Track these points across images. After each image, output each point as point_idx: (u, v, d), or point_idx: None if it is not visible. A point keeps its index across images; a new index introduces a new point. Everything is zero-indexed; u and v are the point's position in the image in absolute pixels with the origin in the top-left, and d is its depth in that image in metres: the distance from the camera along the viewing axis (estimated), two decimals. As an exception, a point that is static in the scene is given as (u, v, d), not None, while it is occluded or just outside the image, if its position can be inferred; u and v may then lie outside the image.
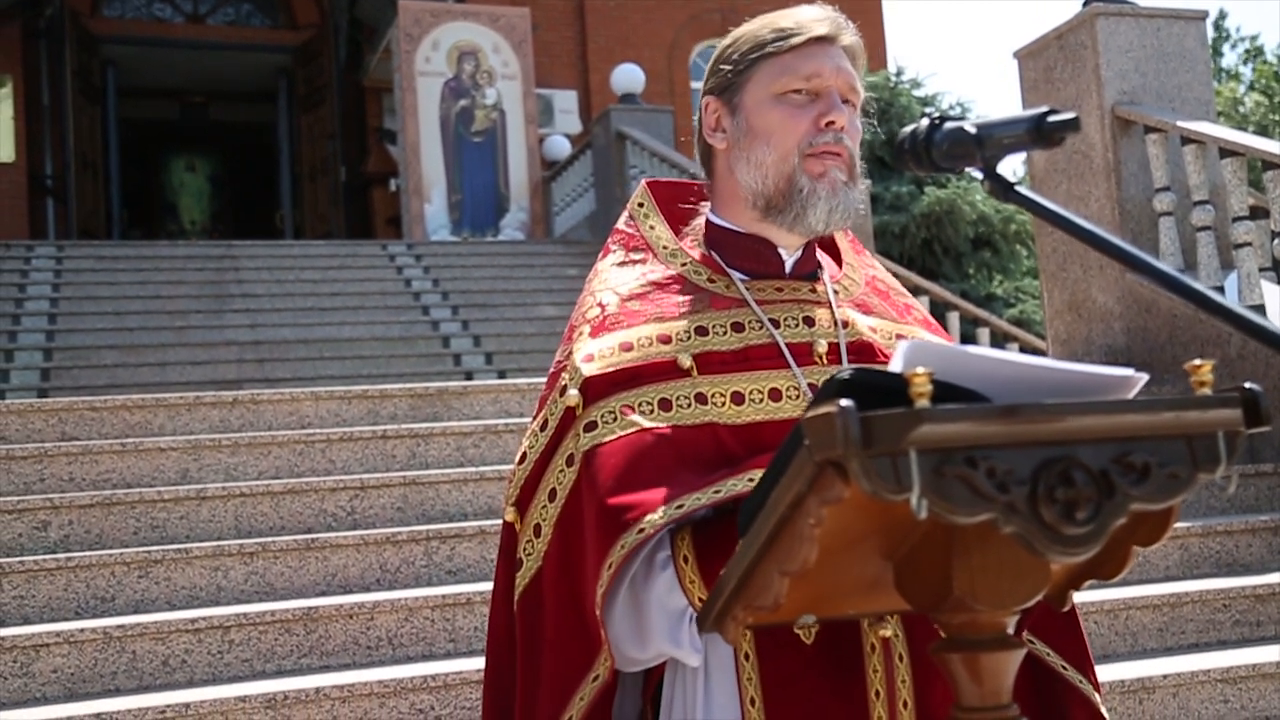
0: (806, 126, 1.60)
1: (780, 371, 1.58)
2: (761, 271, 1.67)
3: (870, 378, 1.09)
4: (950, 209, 11.98)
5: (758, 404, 1.55)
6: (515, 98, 13.32)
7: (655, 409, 1.53)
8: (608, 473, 1.49)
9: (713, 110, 1.69)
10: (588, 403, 1.55)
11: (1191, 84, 6.00)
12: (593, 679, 1.49)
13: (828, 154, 1.59)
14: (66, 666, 3.39)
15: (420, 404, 5.32)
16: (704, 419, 1.53)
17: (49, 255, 10.42)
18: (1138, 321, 5.79)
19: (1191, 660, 3.71)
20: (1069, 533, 1.02)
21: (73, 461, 4.45)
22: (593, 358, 1.58)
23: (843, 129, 1.60)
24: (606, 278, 1.70)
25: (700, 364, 1.56)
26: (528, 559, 1.60)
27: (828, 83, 1.61)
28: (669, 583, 1.47)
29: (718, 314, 1.62)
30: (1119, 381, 1.15)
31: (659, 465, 1.48)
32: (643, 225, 1.75)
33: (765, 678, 1.49)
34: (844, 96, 1.62)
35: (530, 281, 10.60)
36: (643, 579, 1.49)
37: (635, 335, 1.59)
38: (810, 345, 1.61)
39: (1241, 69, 28.93)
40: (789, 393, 1.56)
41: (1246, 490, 4.81)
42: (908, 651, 1.53)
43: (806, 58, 1.61)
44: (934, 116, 1.34)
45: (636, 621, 1.49)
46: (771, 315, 1.63)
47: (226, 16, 16.47)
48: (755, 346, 1.59)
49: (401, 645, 3.63)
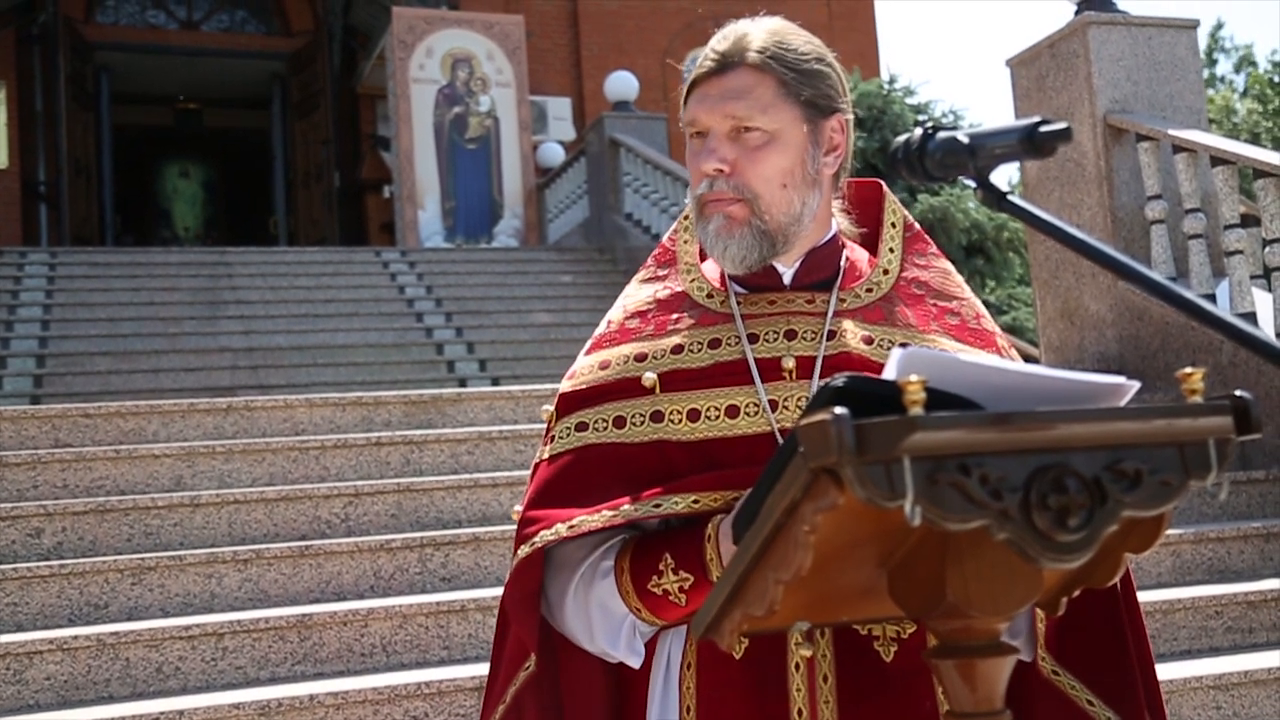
0: (698, 175, 1.60)
1: (742, 388, 1.58)
2: (761, 284, 1.66)
3: (864, 385, 1.10)
4: (943, 216, 12.01)
5: (713, 420, 1.56)
6: (509, 105, 13.33)
7: (609, 425, 1.58)
8: (536, 486, 1.60)
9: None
10: (557, 418, 1.64)
11: (1183, 93, 6.03)
12: (524, 668, 1.61)
13: (708, 203, 1.59)
14: (60, 674, 3.38)
15: (414, 411, 5.32)
16: (654, 436, 1.56)
17: (42, 262, 10.40)
18: (1130, 329, 5.81)
19: (1184, 667, 3.72)
20: (1062, 539, 1.03)
21: (66, 468, 4.44)
22: (574, 375, 1.66)
23: (719, 172, 1.56)
24: (628, 292, 1.75)
25: (665, 381, 1.59)
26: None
27: (704, 124, 1.58)
28: (610, 589, 1.54)
29: (702, 331, 1.63)
30: (1111, 389, 1.16)
31: (591, 481, 1.55)
32: (679, 239, 1.77)
33: (701, 687, 1.54)
34: (739, 127, 1.56)
35: (524, 288, 10.60)
36: (589, 581, 1.57)
37: (616, 354, 1.64)
38: (779, 360, 1.59)
39: (1234, 77, 29.10)
40: (747, 409, 1.56)
41: (1238, 497, 4.82)
42: (834, 672, 1.51)
43: (695, 101, 1.60)
44: (927, 126, 1.35)
45: (584, 620, 1.58)
46: (753, 330, 1.62)
47: (220, 23, 16.47)
48: (724, 363, 1.59)
49: (395, 652, 3.63)
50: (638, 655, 1.56)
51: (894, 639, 1.53)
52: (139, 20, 16.09)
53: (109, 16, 15.93)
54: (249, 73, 16.48)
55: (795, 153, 1.59)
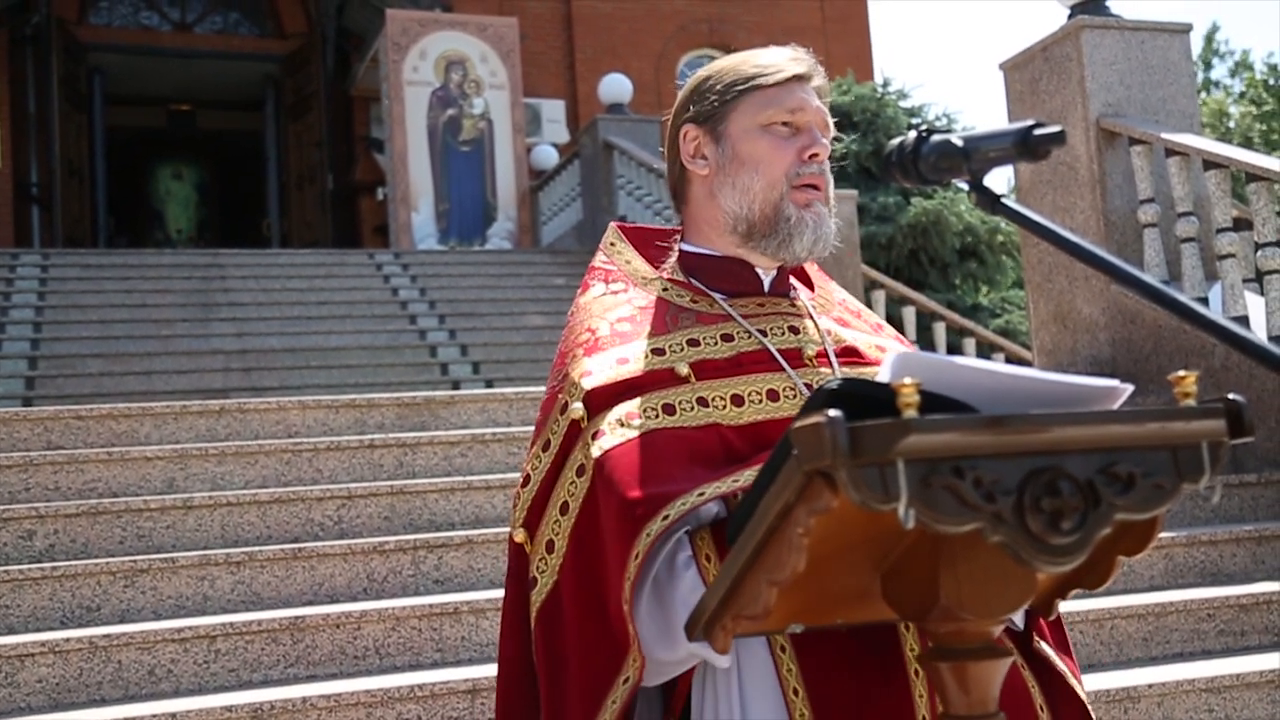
0: (791, 158, 1.66)
1: (775, 374, 1.61)
2: (740, 291, 1.71)
3: (858, 388, 1.10)
4: (937, 220, 12.01)
5: (757, 404, 1.58)
6: (503, 107, 13.33)
7: (660, 413, 1.55)
8: (623, 471, 1.49)
9: (692, 138, 1.73)
10: (592, 414, 1.58)
11: (1176, 96, 6.04)
12: (623, 681, 1.46)
13: (811, 186, 1.66)
14: (51, 676, 3.37)
15: (407, 413, 5.32)
16: (708, 420, 1.55)
17: (34, 263, 10.37)
18: (1122, 332, 5.82)
19: (1176, 670, 3.72)
20: (1055, 542, 1.03)
21: (58, 470, 4.43)
22: (591, 373, 1.61)
23: (824, 161, 1.68)
24: (592, 308, 1.73)
25: (696, 371, 1.60)
26: (542, 576, 1.58)
27: (809, 117, 1.68)
28: (693, 582, 1.46)
29: (706, 328, 1.65)
30: (1105, 392, 1.16)
31: (673, 461, 1.50)
32: (618, 260, 1.79)
33: (805, 667, 1.47)
34: (821, 132, 1.70)
35: (517, 291, 10.60)
36: (665, 580, 1.49)
37: (630, 351, 1.63)
38: (800, 350, 1.65)
39: (1230, 82, 29.20)
40: (786, 393, 1.59)
41: (1230, 500, 4.83)
42: None
43: (789, 92, 1.68)
44: (921, 129, 1.36)
45: (664, 623, 1.47)
46: (758, 326, 1.67)
47: (214, 25, 16.46)
48: (747, 353, 1.63)
49: (388, 655, 3.63)
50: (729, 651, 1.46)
51: None
52: (132, 22, 16.07)
53: (102, 18, 15.90)
54: (242, 75, 16.46)
55: None
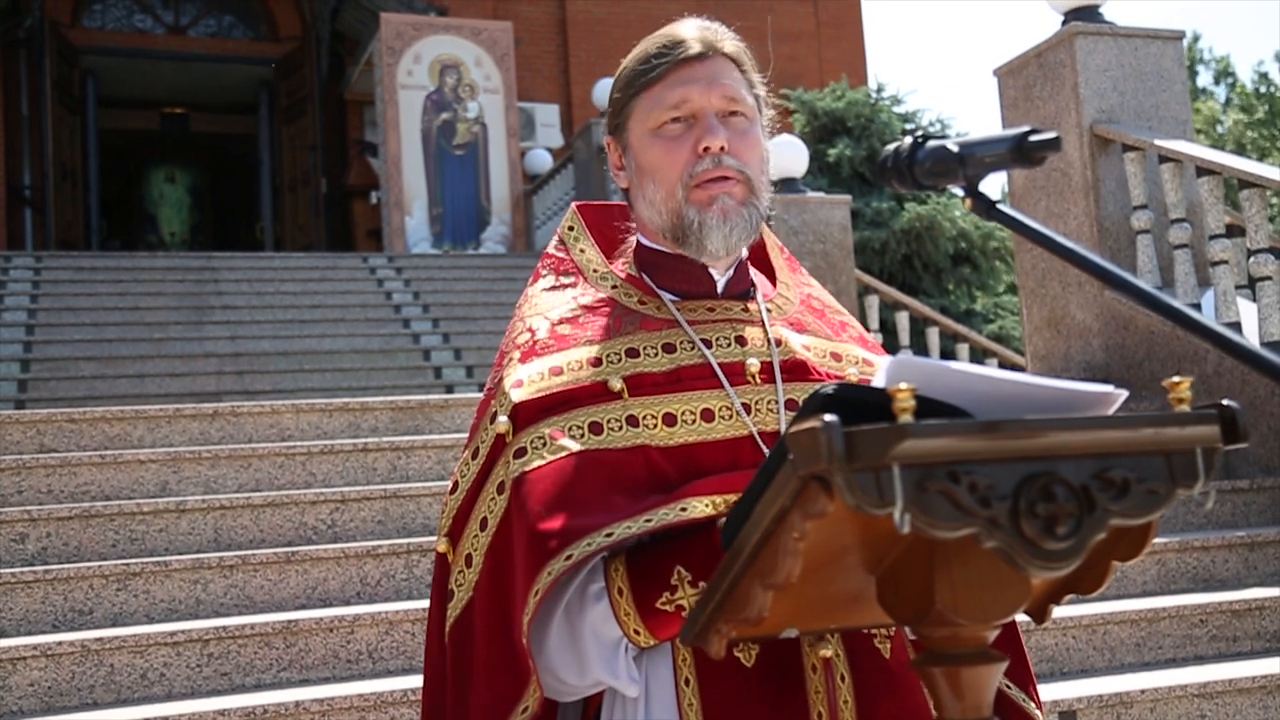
0: (686, 156, 1.57)
1: (713, 391, 1.55)
2: (693, 292, 1.64)
3: (854, 393, 1.10)
4: (930, 225, 12.03)
5: (690, 425, 1.52)
6: (497, 111, 13.33)
7: (586, 433, 1.49)
8: (536, 499, 1.45)
9: (613, 150, 1.68)
10: (517, 429, 1.52)
11: (1169, 103, 6.06)
12: (522, 710, 1.45)
13: (711, 181, 1.56)
14: (44, 680, 3.37)
15: (401, 417, 5.32)
16: (635, 441, 1.49)
17: (27, 266, 10.36)
18: (1116, 338, 5.83)
19: (1169, 675, 3.73)
20: (1050, 547, 1.03)
21: (51, 473, 4.43)
22: (522, 383, 1.55)
23: (722, 150, 1.56)
24: (537, 303, 1.66)
25: (631, 386, 1.53)
26: (459, 590, 1.55)
27: (698, 105, 1.57)
28: (604, 614, 1.45)
29: (649, 335, 1.58)
30: (1099, 398, 1.16)
31: (589, 490, 1.44)
32: (573, 249, 1.72)
33: (706, 702, 1.46)
34: (726, 111, 1.58)
35: (511, 295, 10.58)
36: (577, 608, 1.46)
37: (565, 359, 1.56)
38: (743, 364, 1.58)
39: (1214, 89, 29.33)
40: (721, 412, 1.53)
41: (1223, 506, 4.84)
42: (849, 671, 1.49)
43: (673, 85, 1.58)
44: (917, 135, 1.36)
45: (574, 651, 1.46)
46: (703, 335, 1.59)
47: (208, 28, 16.43)
48: (687, 367, 1.56)
49: (382, 659, 3.62)
50: (637, 683, 1.46)
51: (886, 636, 1.54)
52: (126, 25, 16.04)
53: (95, 21, 15.88)
54: (236, 78, 16.44)
55: (762, 143, 1.63)
